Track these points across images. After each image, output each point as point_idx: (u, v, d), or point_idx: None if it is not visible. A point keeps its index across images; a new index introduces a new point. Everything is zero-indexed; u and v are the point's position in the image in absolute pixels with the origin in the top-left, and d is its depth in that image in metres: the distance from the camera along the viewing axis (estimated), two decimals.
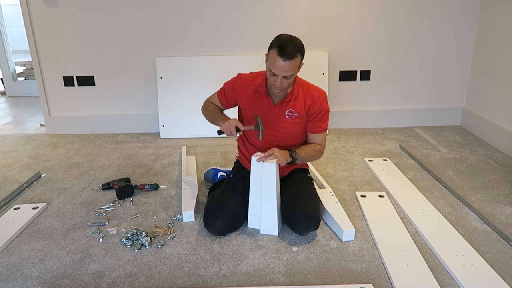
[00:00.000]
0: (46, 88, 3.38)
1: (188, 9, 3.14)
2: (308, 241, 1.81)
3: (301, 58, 1.74)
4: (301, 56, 1.73)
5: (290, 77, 1.74)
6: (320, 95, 1.89)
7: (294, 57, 1.68)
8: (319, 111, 1.88)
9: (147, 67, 3.30)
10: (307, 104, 1.87)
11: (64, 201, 2.24)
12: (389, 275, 1.56)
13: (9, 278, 1.61)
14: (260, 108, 1.90)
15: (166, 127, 3.29)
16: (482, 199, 2.16)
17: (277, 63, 1.68)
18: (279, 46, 1.67)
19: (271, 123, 1.89)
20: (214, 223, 1.83)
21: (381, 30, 3.21)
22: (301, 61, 1.75)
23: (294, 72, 1.73)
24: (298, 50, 1.70)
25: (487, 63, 3.07)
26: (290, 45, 1.67)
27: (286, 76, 1.71)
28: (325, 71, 3.25)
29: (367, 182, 2.40)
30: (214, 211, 1.86)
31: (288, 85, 1.80)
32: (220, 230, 1.84)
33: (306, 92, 1.88)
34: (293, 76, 1.75)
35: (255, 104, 1.91)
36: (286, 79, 1.73)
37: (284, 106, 1.88)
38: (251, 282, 1.56)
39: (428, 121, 3.44)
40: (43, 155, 2.98)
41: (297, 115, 1.88)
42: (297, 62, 1.72)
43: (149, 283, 1.57)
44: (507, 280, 1.52)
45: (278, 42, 1.69)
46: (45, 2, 3.12)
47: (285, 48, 1.66)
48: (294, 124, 1.90)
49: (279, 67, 1.68)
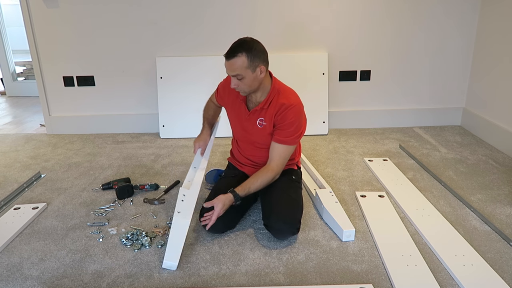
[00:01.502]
0: (46, 88, 3.38)
1: (188, 9, 3.14)
2: (308, 241, 1.81)
3: (250, 59, 1.70)
4: (248, 55, 1.69)
5: (241, 78, 1.73)
6: (290, 105, 1.80)
7: (235, 56, 1.69)
8: (282, 120, 1.81)
9: (147, 67, 3.30)
10: (274, 113, 1.83)
11: (64, 201, 2.24)
12: (389, 275, 1.56)
13: (9, 278, 1.61)
14: (238, 113, 1.96)
15: (166, 127, 3.29)
16: (482, 199, 2.16)
17: (225, 63, 1.75)
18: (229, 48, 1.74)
19: (246, 129, 1.95)
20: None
21: (381, 30, 3.21)
22: (251, 61, 1.70)
23: (241, 72, 1.71)
24: (242, 49, 1.69)
25: (487, 63, 3.07)
26: (235, 46, 1.72)
27: (234, 75, 1.74)
28: (325, 71, 3.25)
29: (367, 182, 2.40)
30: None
31: (249, 87, 1.78)
32: (215, 228, 1.84)
33: (278, 100, 1.82)
34: (244, 77, 1.72)
35: (235, 109, 1.97)
36: (239, 80, 1.74)
37: (257, 115, 1.88)
38: (251, 282, 1.56)
39: (428, 121, 3.44)
40: (43, 155, 2.98)
41: (266, 124, 1.86)
42: (241, 61, 1.69)
43: (149, 283, 1.57)
44: (507, 280, 1.52)
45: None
46: (45, 2, 3.12)
47: (228, 49, 1.73)
48: (264, 133, 1.88)
49: (226, 66, 1.75)
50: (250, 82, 1.75)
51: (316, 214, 2.04)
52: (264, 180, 1.85)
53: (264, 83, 1.83)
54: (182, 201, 1.75)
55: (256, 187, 1.85)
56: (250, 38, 1.77)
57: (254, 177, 1.86)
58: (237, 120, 1.98)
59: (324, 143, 3.08)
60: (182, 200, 1.76)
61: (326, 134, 3.29)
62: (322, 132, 3.28)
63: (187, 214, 1.71)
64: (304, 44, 3.25)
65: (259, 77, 1.76)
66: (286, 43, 3.23)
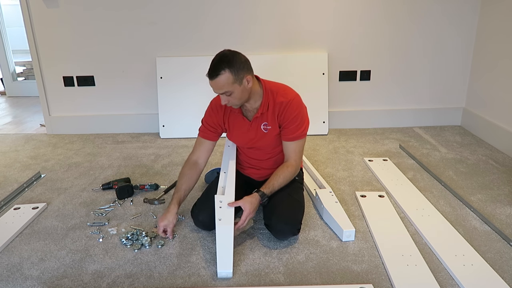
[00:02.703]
0: (46, 88, 3.38)
1: (188, 9, 3.14)
2: (308, 241, 1.81)
3: (233, 72, 1.65)
4: (231, 70, 1.65)
5: (230, 94, 1.70)
6: (289, 101, 1.80)
7: (219, 74, 1.65)
8: (286, 117, 1.82)
9: (147, 67, 3.30)
10: (276, 113, 1.83)
11: (64, 201, 2.24)
12: (389, 275, 1.56)
13: (9, 278, 1.61)
14: (240, 127, 1.91)
15: (166, 127, 3.29)
16: (482, 199, 2.16)
17: (210, 83, 1.70)
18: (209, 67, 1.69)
19: (250, 140, 1.92)
20: (197, 216, 1.87)
21: (381, 30, 3.21)
22: (236, 75, 1.66)
23: (229, 89, 1.68)
24: (224, 66, 1.65)
25: (487, 63, 3.07)
26: (216, 63, 1.67)
27: (222, 93, 1.71)
28: (325, 71, 3.25)
29: (367, 182, 2.40)
30: (199, 205, 1.90)
31: (240, 100, 1.75)
32: (204, 223, 1.85)
33: (275, 99, 1.82)
34: (233, 92, 1.69)
35: (235, 124, 1.92)
36: (228, 96, 1.72)
37: (259, 121, 1.87)
38: (251, 282, 1.56)
39: (428, 121, 3.44)
40: (43, 155, 2.98)
41: (271, 127, 1.86)
42: (225, 77, 1.65)
43: (149, 283, 1.57)
44: (507, 280, 1.52)
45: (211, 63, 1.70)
46: (45, 2, 3.12)
47: (210, 68, 1.68)
48: (271, 136, 1.88)
49: (211, 86, 1.71)
50: (240, 95, 1.73)
51: (316, 214, 2.04)
52: (286, 175, 1.86)
53: (254, 90, 1.80)
54: (220, 207, 1.71)
55: (280, 183, 1.84)
56: (228, 51, 1.72)
57: (275, 175, 1.85)
58: (240, 133, 1.94)
59: (324, 143, 3.08)
60: (220, 207, 1.71)
61: (326, 134, 3.29)
62: (322, 132, 3.28)
63: (229, 220, 1.66)
64: (304, 44, 3.25)
65: (247, 87, 1.74)
66: (286, 43, 3.23)
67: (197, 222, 1.90)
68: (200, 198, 1.96)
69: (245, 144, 1.97)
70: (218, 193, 1.80)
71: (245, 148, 2.01)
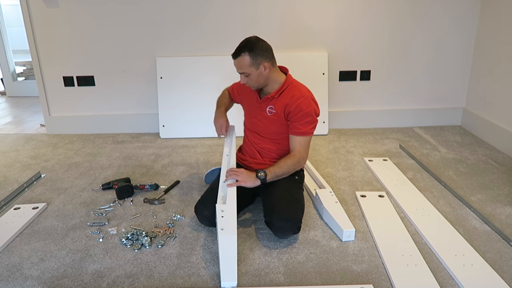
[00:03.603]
0: (46, 88, 3.38)
1: (188, 9, 3.14)
2: (308, 241, 1.81)
3: (252, 57, 1.82)
4: (251, 54, 1.82)
5: (248, 75, 1.87)
6: (302, 96, 1.89)
7: (239, 55, 1.83)
8: (295, 111, 1.87)
9: (147, 67, 3.30)
10: (285, 103, 1.90)
11: (64, 201, 2.24)
12: (389, 275, 1.56)
13: (9, 278, 1.61)
14: (250, 102, 2.06)
15: (166, 127, 3.29)
16: (482, 199, 2.16)
17: (233, 62, 1.89)
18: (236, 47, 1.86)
19: (254, 114, 2.03)
20: (202, 211, 1.88)
21: (381, 30, 3.21)
22: (254, 60, 1.82)
23: (246, 70, 1.84)
24: (245, 49, 1.82)
25: (487, 63, 3.07)
26: (240, 45, 1.85)
27: (241, 72, 1.88)
28: (325, 71, 3.25)
29: (367, 182, 2.40)
30: (203, 201, 1.93)
31: (256, 83, 1.91)
32: (208, 218, 1.86)
33: (290, 92, 1.92)
34: (250, 74, 1.85)
35: (248, 98, 2.07)
36: (246, 77, 1.88)
37: (267, 102, 1.96)
38: (251, 282, 1.56)
39: (428, 121, 3.44)
40: (43, 155, 2.98)
41: (275, 112, 1.93)
42: (245, 60, 1.83)
43: (149, 283, 1.57)
44: (507, 280, 1.52)
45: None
46: (45, 2, 3.12)
47: (236, 49, 1.85)
48: (271, 121, 1.95)
49: (234, 64, 1.89)
50: (256, 78, 1.88)
51: (316, 214, 2.04)
52: (287, 162, 1.89)
53: (273, 78, 1.93)
54: (222, 217, 1.67)
55: (283, 171, 1.88)
56: (254, 37, 1.89)
57: (278, 162, 1.91)
58: (249, 107, 2.08)
59: (324, 143, 3.08)
60: (222, 216, 1.67)
61: (326, 134, 3.29)
62: (322, 132, 3.28)
63: (232, 229, 1.62)
64: (304, 44, 3.25)
65: (264, 73, 1.87)
66: (286, 43, 3.23)
67: (201, 218, 1.91)
68: (204, 195, 1.99)
69: (249, 119, 2.07)
70: (219, 202, 1.77)
71: (248, 130, 2.10)
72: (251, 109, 2.06)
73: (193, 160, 2.79)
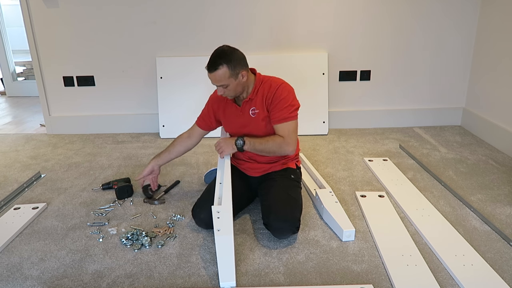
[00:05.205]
0: (46, 88, 3.38)
1: (188, 9, 3.15)
2: (308, 241, 1.81)
3: (231, 68, 1.78)
4: (228, 65, 1.77)
5: (226, 86, 1.83)
6: (278, 85, 1.89)
7: (217, 68, 1.78)
8: (274, 99, 1.87)
9: (147, 67, 3.30)
10: (264, 97, 1.90)
11: (64, 201, 2.24)
12: (389, 275, 1.56)
13: (9, 278, 1.61)
14: (230, 113, 2.02)
15: (166, 127, 3.29)
16: (482, 199, 2.16)
17: (208, 75, 1.84)
18: (208, 60, 1.81)
19: (240, 125, 1.99)
20: (199, 214, 1.88)
21: (381, 30, 3.21)
22: (232, 70, 1.79)
23: (226, 82, 1.81)
24: (222, 61, 1.77)
25: (487, 63, 3.07)
26: (214, 58, 1.79)
27: (219, 85, 1.84)
28: (325, 71, 3.25)
29: (367, 182, 2.40)
30: (200, 204, 1.93)
31: (234, 92, 1.88)
32: (205, 221, 1.85)
33: (265, 86, 1.92)
34: (229, 84, 1.82)
35: (228, 112, 2.03)
36: (224, 88, 1.85)
37: (248, 106, 1.95)
38: (251, 282, 1.56)
39: (428, 121, 3.44)
40: (43, 155, 2.98)
41: (258, 111, 1.92)
42: (223, 72, 1.78)
43: (149, 283, 1.57)
44: (507, 280, 1.52)
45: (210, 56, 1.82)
46: (45, 2, 3.12)
47: (209, 62, 1.81)
48: (258, 120, 1.94)
49: (209, 78, 1.84)
50: (234, 87, 1.86)
51: (316, 214, 2.04)
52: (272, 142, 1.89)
53: (248, 83, 1.92)
54: (218, 218, 1.67)
55: (263, 147, 1.89)
56: (227, 47, 1.84)
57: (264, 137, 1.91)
58: (232, 120, 2.02)
59: (324, 143, 3.08)
60: (218, 217, 1.67)
61: (326, 134, 3.29)
62: (322, 132, 3.28)
63: (228, 230, 1.63)
64: (304, 44, 3.25)
65: (242, 81, 1.86)
66: (286, 43, 3.23)
67: (198, 221, 1.90)
68: (200, 197, 1.98)
69: (237, 131, 2.02)
70: (215, 203, 1.76)
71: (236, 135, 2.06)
72: (234, 119, 2.01)
73: (193, 160, 2.79)
